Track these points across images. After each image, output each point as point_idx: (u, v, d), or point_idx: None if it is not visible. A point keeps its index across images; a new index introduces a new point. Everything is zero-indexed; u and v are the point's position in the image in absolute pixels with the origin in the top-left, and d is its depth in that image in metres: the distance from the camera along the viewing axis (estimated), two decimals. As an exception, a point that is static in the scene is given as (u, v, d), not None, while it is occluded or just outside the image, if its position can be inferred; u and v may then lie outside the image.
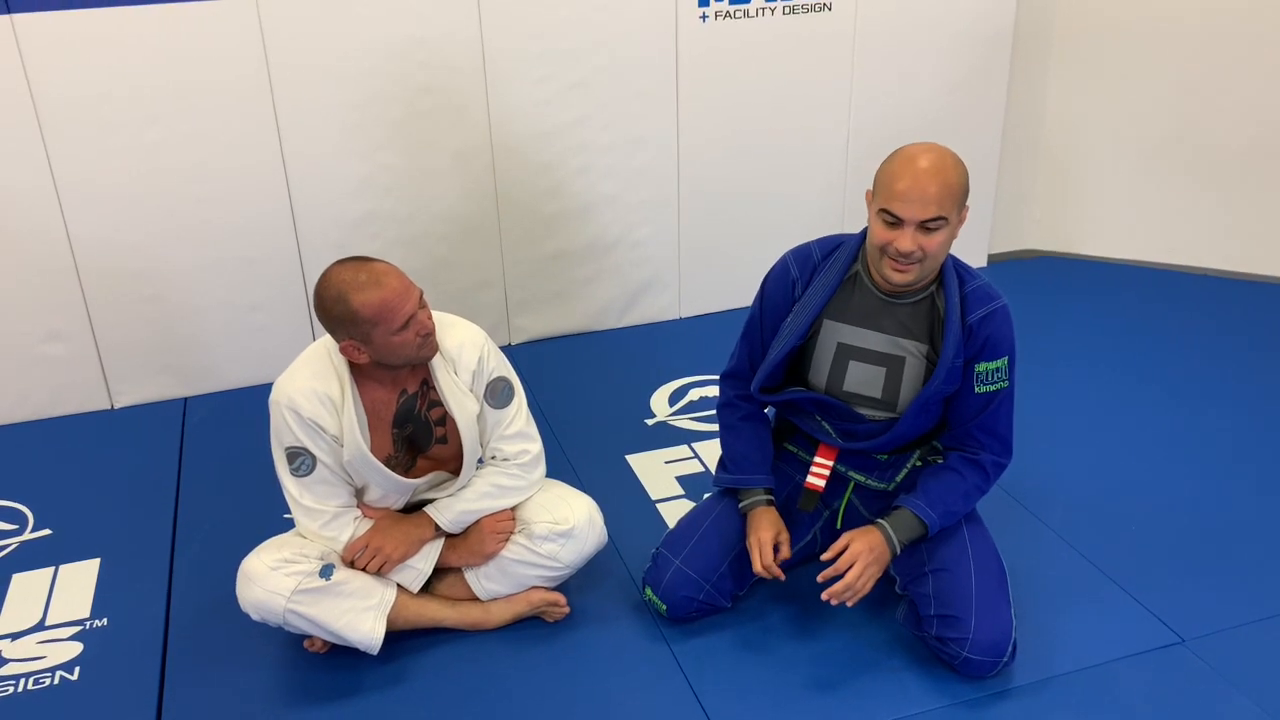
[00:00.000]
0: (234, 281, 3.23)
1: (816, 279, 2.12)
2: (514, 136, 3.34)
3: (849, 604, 2.05)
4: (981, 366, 2.04)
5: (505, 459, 2.19)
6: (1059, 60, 3.98)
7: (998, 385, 2.05)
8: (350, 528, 2.11)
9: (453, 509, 2.16)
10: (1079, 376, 3.30)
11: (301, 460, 2.03)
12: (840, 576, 2.03)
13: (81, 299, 3.11)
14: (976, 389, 2.05)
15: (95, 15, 2.83)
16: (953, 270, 2.05)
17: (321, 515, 2.08)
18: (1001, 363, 2.05)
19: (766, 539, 2.11)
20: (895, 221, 1.92)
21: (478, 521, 2.18)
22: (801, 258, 2.15)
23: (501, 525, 2.18)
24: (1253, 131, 3.81)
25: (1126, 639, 2.18)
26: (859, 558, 2.03)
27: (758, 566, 2.11)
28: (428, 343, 2.01)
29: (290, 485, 2.07)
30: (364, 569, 2.10)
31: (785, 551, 2.14)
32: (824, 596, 2.04)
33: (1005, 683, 2.06)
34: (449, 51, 3.18)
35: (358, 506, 2.15)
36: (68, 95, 2.89)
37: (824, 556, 2.08)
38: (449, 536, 2.20)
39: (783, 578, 2.12)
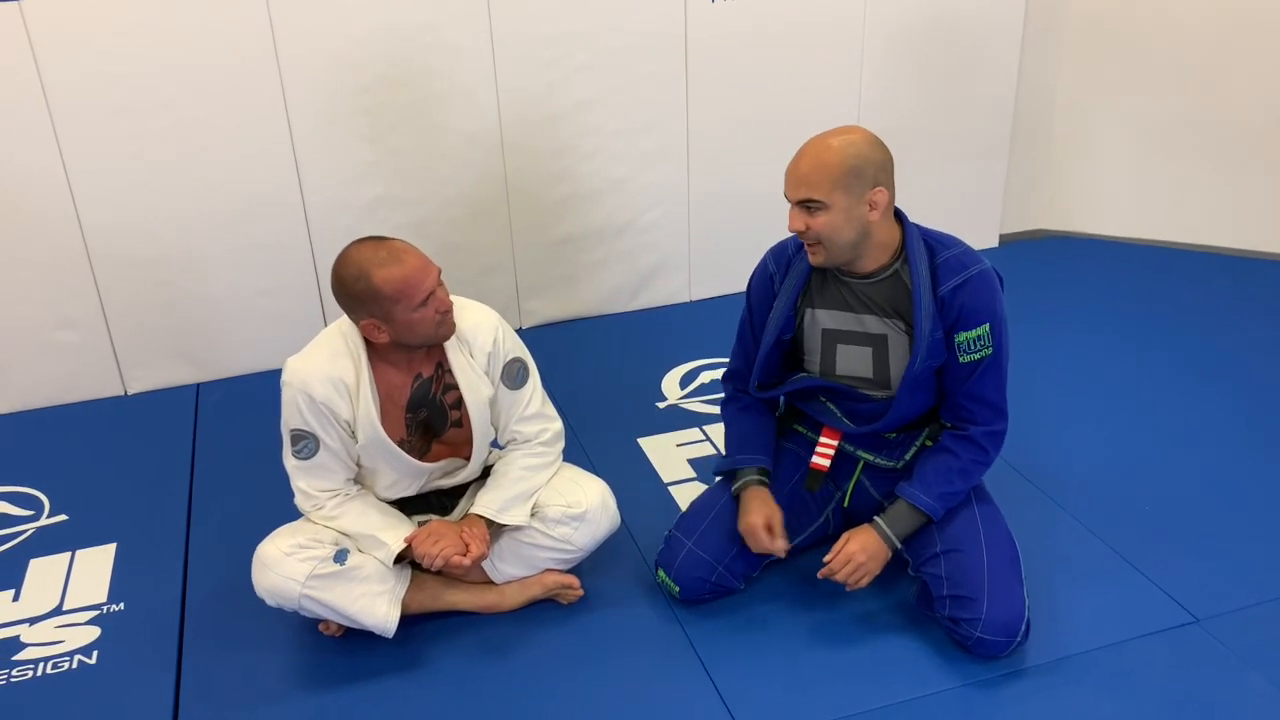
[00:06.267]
0: (245, 267, 3.24)
1: (792, 270, 2.14)
2: (523, 120, 3.33)
3: (847, 589, 2.11)
4: (961, 336, 2.03)
5: (526, 440, 2.20)
6: (1069, 42, 3.95)
7: (981, 353, 2.04)
8: (344, 506, 2.11)
9: (498, 499, 2.15)
10: (1091, 356, 3.29)
11: (305, 444, 2.04)
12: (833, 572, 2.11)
13: (94, 286, 3.12)
14: (960, 359, 2.05)
15: (103, 0, 2.83)
16: (920, 242, 2.04)
17: (314, 499, 2.10)
18: (982, 330, 2.03)
19: (756, 523, 2.12)
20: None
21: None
22: (777, 253, 2.20)
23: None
24: (1262, 111, 3.78)
25: (1140, 619, 2.18)
26: (852, 558, 2.07)
27: (756, 550, 2.14)
28: (446, 320, 2.01)
29: (290, 467, 2.09)
30: (425, 554, 2.06)
31: (779, 531, 2.13)
32: (820, 575, 2.12)
33: (1018, 663, 2.06)
34: (457, 34, 3.17)
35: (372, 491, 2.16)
36: (77, 82, 2.89)
37: (825, 559, 2.11)
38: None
39: (783, 553, 2.14)
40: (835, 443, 2.23)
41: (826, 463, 2.23)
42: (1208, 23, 3.76)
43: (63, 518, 2.67)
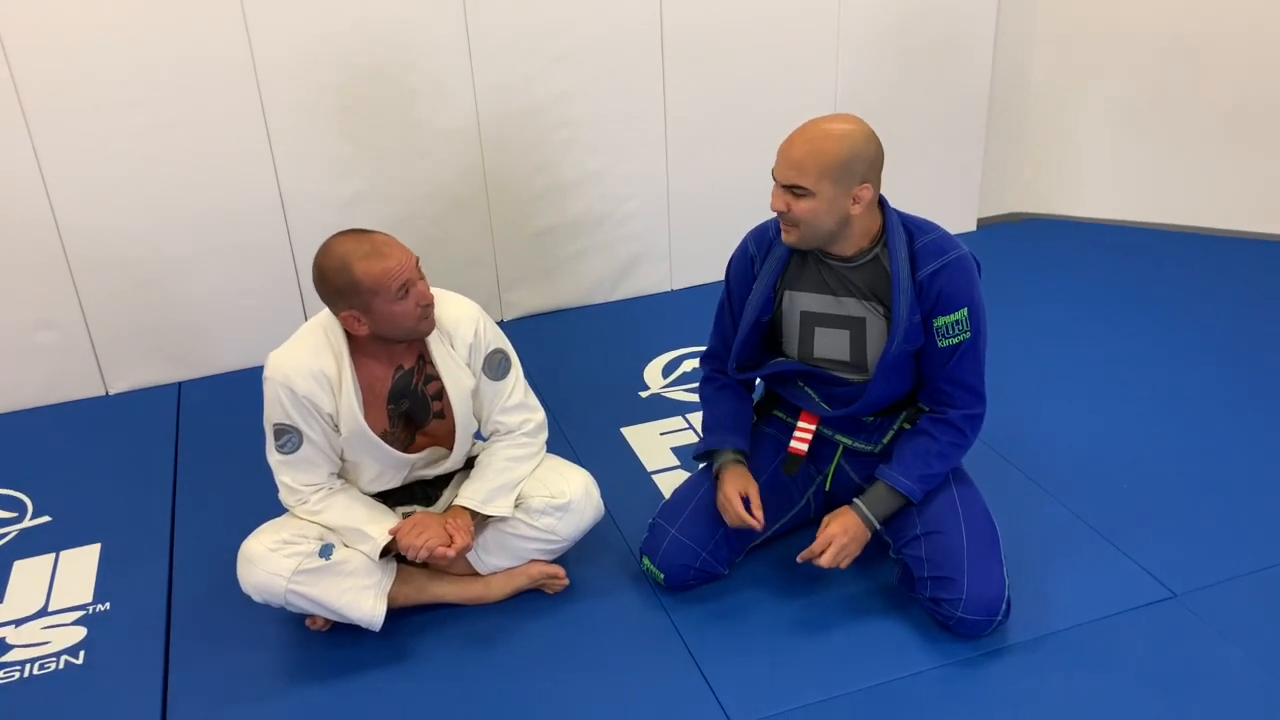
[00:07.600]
0: (224, 265, 3.23)
1: (772, 253, 2.15)
2: (500, 113, 3.33)
3: (825, 567, 2.12)
4: (940, 321, 2.05)
5: (509, 431, 2.20)
6: (1044, 25, 3.96)
7: (959, 337, 2.06)
8: (329, 500, 2.11)
9: (482, 490, 2.15)
10: (1069, 336, 3.32)
11: (288, 438, 2.04)
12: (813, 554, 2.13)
13: (72, 286, 3.11)
14: (939, 343, 2.07)
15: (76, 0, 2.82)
16: (899, 227, 2.06)
17: (299, 494, 2.10)
18: (960, 314, 2.05)
19: (731, 494, 2.14)
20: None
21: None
22: (758, 235, 2.21)
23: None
24: (1235, 92, 3.82)
25: (1119, 595, 2.21)
26: (834, 539, 2.09)
27: (732, 522, 2.15)
28: (428, 314, 2.01)
29: (274, 461, 2.09)
30: (409, 546, 2.07)
31: (756, 505, 2.15)
32: (800, 559, 2.14)
33: (1000, 641, 2.09)
34: (432, 29, 3.16)
35: (351, 485, 2.16)
36: (51, 82, 2.88)
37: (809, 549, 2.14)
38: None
39: (759, 526, 2.14)
40: (813, 427, 2.25)
41: (805, 447, 2.25)
42: (1181, 5, 3.78)
43: (46, 519, 2.66)
